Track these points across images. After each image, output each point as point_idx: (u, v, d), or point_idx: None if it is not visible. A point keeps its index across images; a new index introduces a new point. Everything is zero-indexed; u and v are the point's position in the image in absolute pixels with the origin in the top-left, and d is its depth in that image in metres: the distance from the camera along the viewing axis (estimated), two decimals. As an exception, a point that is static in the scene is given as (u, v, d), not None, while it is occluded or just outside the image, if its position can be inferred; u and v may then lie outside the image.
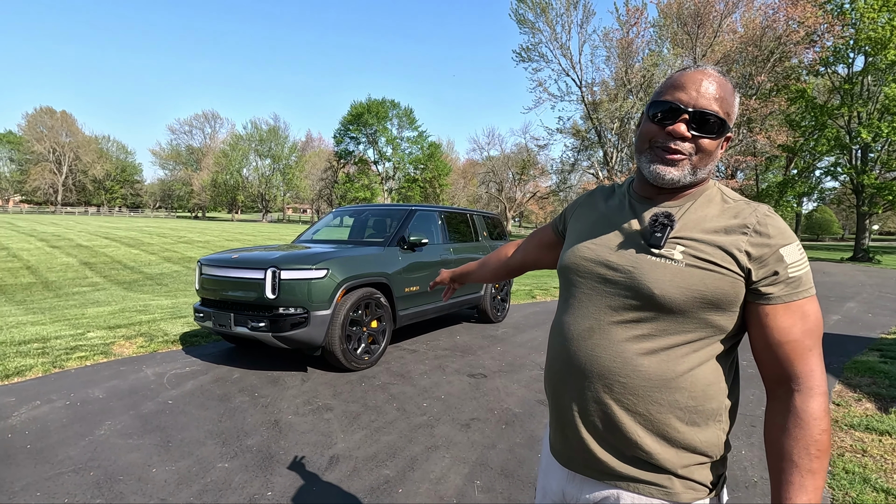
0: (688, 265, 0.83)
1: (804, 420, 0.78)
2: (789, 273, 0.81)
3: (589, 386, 0.89)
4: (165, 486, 2.35)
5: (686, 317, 0.83)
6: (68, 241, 18.06)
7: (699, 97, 0.85)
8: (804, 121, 24.81)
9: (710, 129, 0.86)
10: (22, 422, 3.04)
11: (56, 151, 68.26)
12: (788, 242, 0.82)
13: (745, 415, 3.44)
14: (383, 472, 2.55)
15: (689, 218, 0.88)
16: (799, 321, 0.81)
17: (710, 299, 0.82)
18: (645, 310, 0.85)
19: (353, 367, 4.16)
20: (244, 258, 4.20)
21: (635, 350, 0.85)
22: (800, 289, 0.82)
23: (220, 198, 69.98)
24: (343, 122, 56.59)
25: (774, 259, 0.81)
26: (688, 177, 0.88)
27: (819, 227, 62.91)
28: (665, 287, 0.82)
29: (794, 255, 0.81)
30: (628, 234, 0.92)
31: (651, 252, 0.86)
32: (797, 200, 32.28)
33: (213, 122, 78.65)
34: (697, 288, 0.82)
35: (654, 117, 0.88)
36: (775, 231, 0.82)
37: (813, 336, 0.82)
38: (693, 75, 0.87)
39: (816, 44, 21.60)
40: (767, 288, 0.81)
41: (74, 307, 7.77)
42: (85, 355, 4.40)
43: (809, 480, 0.77)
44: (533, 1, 26.65)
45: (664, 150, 0.88)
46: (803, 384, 0.80)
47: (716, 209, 0.88)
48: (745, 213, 0.85)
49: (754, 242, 0.82)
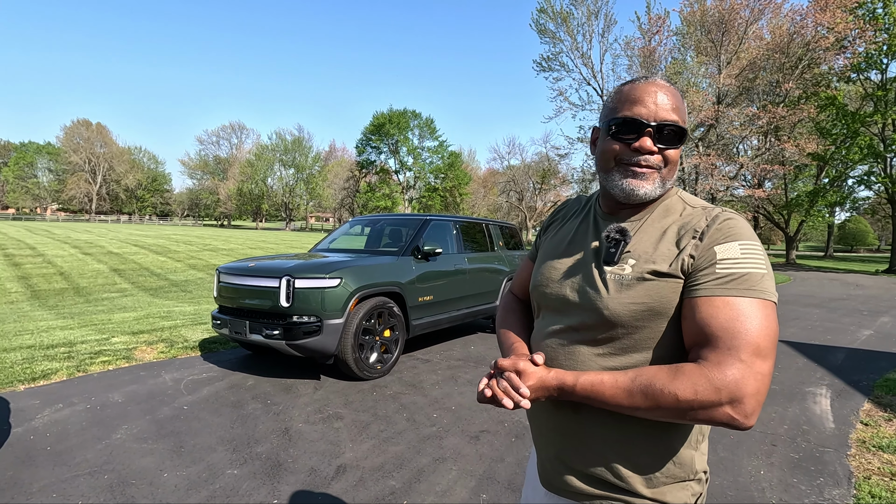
0: (635, 278, 0.82)
1: (678, 371, 0.73)
2: (717, 268, 0.77)
3: (561, 406, 0.89)
4: (175, 492, 2.39)
5: (642, 332, 0.82)
6: (100, 249, 18.71)
7: (658, 110, 0.84)
8: (835, 128, 24.06)
9: (674, 140, 0.86)
10: (44, 424, 3.14)
11: (91, 162, 71.03)
12: (728, 240, 0.78)
13: (766, 433, 3.32)
14: (389, 482, 2.54)
15: (645, 231, 0.87)
16: (722, 314, 0.73)
17: (656, 309, 0.80)
18: (601, 328, 0.84)
19: (366, 376, 4.18)
20: (260, 266, 4.28)
21: (599, 368, 0.84)
22: (730, 285, 0.75)
23: (245, 206, 71.56)
24: (365, 132, 57.39)
25: (707, 254, 0.78)
26: (658, 190, 0.88)
27: (853, 238, 60.69)
28: (613, 305, 0.82)
29: (730, 252, 0.77)
30: (588, 253, 0.92)
31: (605, 269, 0.86)
32: (829, 210, 31.27)
33: (239, 132, 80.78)
34: (643, 301, 0.80)
35: (616, 134, 0.87)
36: (718, 229, 0.80)
37: (738, 338, 0.72)
38: (646, 87, 0.86)
39: (847, 50, 20.97)
40: (693, 280, 0.78)
41: (102, 312, 8.02)
42: (108, 360, 4.53)
43: (621, 382, 0.76)
44: (554, 11, 26.67)
45: (634, 166, 0.86)
46: (705, 363, 0.73)
47: (672, 219, 0.87)
48: (696, 219, 0.84)
49: (697, 245, 0.80)
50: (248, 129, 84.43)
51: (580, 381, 0.79)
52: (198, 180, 79.62)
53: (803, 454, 3.02)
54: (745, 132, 22.28)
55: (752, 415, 0.70)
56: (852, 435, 3.34)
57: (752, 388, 0.70)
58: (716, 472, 2.74)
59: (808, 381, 4.63)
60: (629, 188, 0.87)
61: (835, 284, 16.06)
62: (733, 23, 20.89)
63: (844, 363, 5.36)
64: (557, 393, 0.82)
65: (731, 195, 24.49)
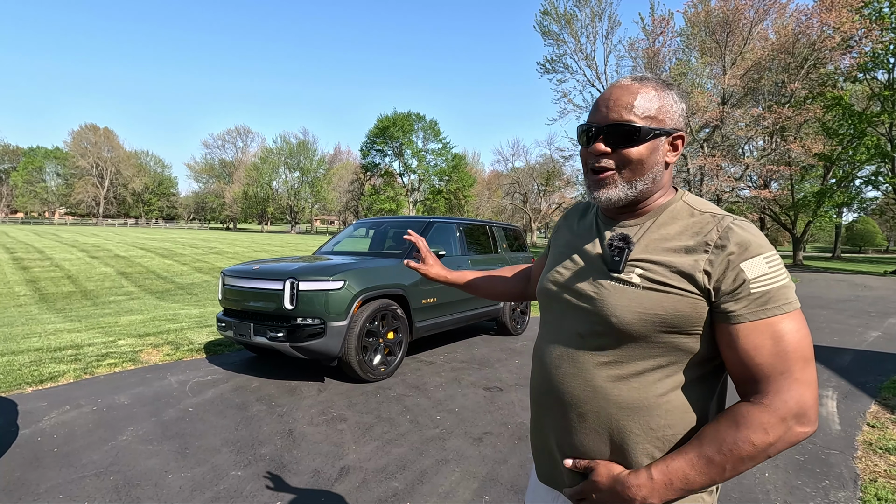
0: (645, 288, 0.80)
1: (739, 418, 0.73)
2: (751, 288, 0.75)
3: (565, 414, 0.88)
4: (180, 493, 2.41)
5: (648, 342, 0.80)
6: (107, 252, 18.86)
7: (609, 112, 0.84)
8: (842, 129, 23.89)
9: (626, 139, 0.83)
10: (51, 426, 3.17)
11: (99, 166, 71.66)
12: (752, 255, 0.76)
13: (771, 435, 3.30)
14: (392, 484, 2.55)
15: (649, 238, 0.85)
16: (768, 341, 0.74)
17: (669, 322, 0.79)
18: (608, 336, 0.83)
19: (369, 378, 4.19)
20: (264, 269, 4.30)
21: (605, 377, 0.84)
22: (768, 305, 0.75)
23: (250, 210, 71.90)
24: (369, 136, 57.56)
25: (733, 274, 0.76)
26: (626, 192, 0.86)
27: (861, 239, 60.15)
28: (621, 313, 0.80)
29: (758, 269, 0.75)
30: (592, 258, 0.90)
31: (611, 277, 0.84)
32: (836, 211, 31.02)
33: (244, 136, 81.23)
34: (655, 311, 0.79)
35: (581, 144, 0.90)
36: (737, 244, 0.77)
37: (788, 359, 0.74)
38: (605, 93, 0.87)
39: (853, 49, 20.86)
40: (728, 305, 0.76)
41: (109, 315, 8.08)
42: (114, 362, 4.57)
43: (697, 462, 0.73)
44: (557, 13, 26.70)
45: (593, 172, 0.87)
46: (762, 399, 0.74)
47: (679, 226, 0.84)
48: (707, 228, 0.81)
49: (713, 260, 0.77)
50: (253, 132, 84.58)
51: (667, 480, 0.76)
52: (203, 184, 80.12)
53: (809, 456, 3.00)
54: (751, 133, 22.17)
55: (816, 419, 0.74)
56: (859, 437, 3.31)
57: (811, 398, 0.73)
58: (720, 475, 2.72)
59: (815, 382, 4.59)
60: (595, 197, 0.88)
61: (842, 286, 15.94)
62: (738, 23, 20.82)
63: (851, 365, 5.32)
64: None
65: (736, 196, 24.35)
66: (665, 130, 0.84)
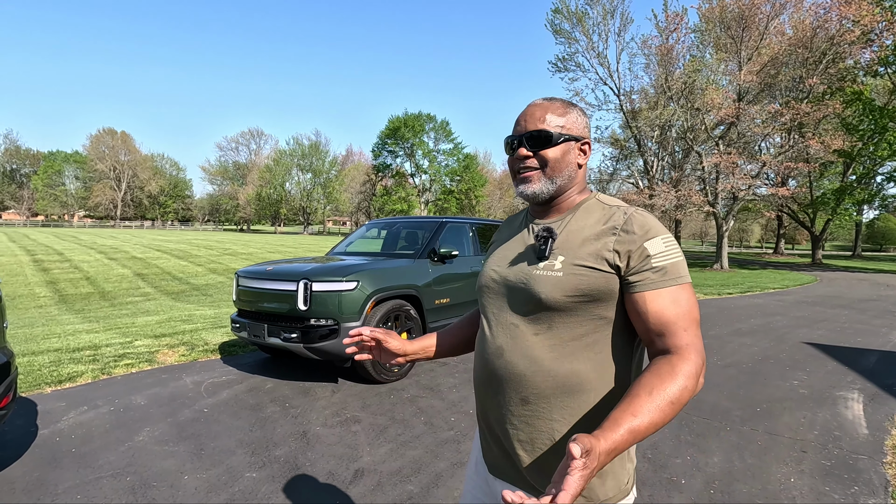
0: (566, 273, 0.94)
1: (674, 369, 0.83)
2: (653, 263, 0.91)
3: (509, 398, 0.99)
4: (195, 494, 2.41)
5: (573, 313, 0.94)
6: (124, 254, 19.16)
7: (527, 124, 1.03)
8: (862, 124, 23.33)
9: (542, 143, 1.01)
10: (69, 426, 3.20)
11: (116, 169, 72.97)
12: (652, 237, 0.92)
13: (795, 439, 3.21)
14: (407, 487, 2.52)
15: (569, 230, 1.01)
16: (670, 305, 0.89)
17: (589, 294, 0.93)
18: (541, 312, 0.97)
19: (383, 379, 4.17)
20: (278, 270, 4.31)
21: (542, 347, 0.96)
22: (667, 277, 0.90)
23: (263, 211, 72.60)
24: (381, 137, 57.76)
25: (638, 252, 0.91)
26: (548, 187, 1.03)
27: (882, 237, 58.76)
28: (549, 292, 0.94)
29: (657, 247, 0.91)
30: (523, 251, 1.05)
31: (538, 264, 0.99)
32: (856, 208, 30.32)
33: (258, 138, 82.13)
34: (577, 287, 0.93)
35: (508, 154, 1.07)
36: (639, 227, 0.93)
37: (687, 318, 0.89)
38: (523, 112, 1.06)
39: (874, 43, 20.36)
40: (634, 277, 0.91)
41: (126, 316, 8.20)
42: (131, 363, 4.61)
43: (647, 410, 0.79)
44: (569, 11, 26.49)
45: (519, 172, 1.04)
46: (681, 352, 0.86)
47: (593, 218, 1.00)
48: (615, 216, 0.97)
49: (620, 240, 0.93)
50: (266, 134, 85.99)
51: (620, 437, 0.77)
52: (218, 186, 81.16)
53: (836, 461, 2.90)
54: (768, 130, 21.75)
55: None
56: (888, 441, 3.21)
57: (703, 354, 0.89)
58: (743, 480, 2.65)
59: (839, 384, 4.47)
60: (522, 192, 1.04)
61: (864, 285, 15.57)
62: (754, 18, 20.46)
63: (877, 366, 5.18)
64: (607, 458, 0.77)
65: (753, 194, 23.92)
66: (573, 136, 1.03)
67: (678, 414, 0.86)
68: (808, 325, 7.69)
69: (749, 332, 6.89)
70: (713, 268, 22.78)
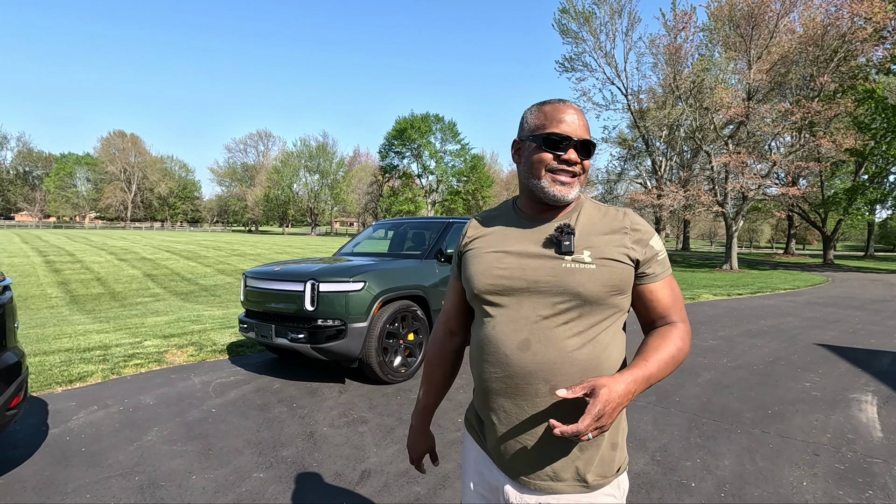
0: (598, 266, 1.00)
1: (677, 333, 1.04)
2: (658, 257, 1.06)
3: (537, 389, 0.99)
4: (203, 494, 2.42)
5: (601, 303, 1.01)
6: (134, 255, 19.35)
7: (578, 128, 1.04)
8: (874, 123, 23.04)
9: (589, 153, 1.07)
10: (79, 426, 3.22)
11: (126, 171, 73.81)
12: (653, 235, 1.07)
13: (808, 442, 3.16)
14: (414, 488, 2.51)
15: (582, 226, 1.06)
16: (669, 290, 1.08)
17: (618, 286, 1.02)
18: (574, 308, 1.00)
19: (390, 379, 4.16)
20: (285, 271, 4.32)
21: (572, 346, 0.99)
22: (665, 269, 1.08)
23: (271, 212, 73.07)
24: (388, 138, 57.92)
25: (649, 248, 1.05)
26: (577, 193, 1.08)
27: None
28: (587, 285, 0.99)
29: (658, 244, 1.07)
30: (536, 248, 1.05)
31: (565, 258, 1.02)
32: (869, 208, 29.89)
33: (266, 140, 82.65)
34: (611, 281, 1.01)
35: (548, 148, 1.04)
36: (642, 226, 1.06)
37: (679, 301, 1.09)
38: (566, 109, 1.05)
39: (887, 40, 20.12)
40: (648, 269, 1.05)
41: (136, 316, 8.27)
42: (140, 363, 4.64)
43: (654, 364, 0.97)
44: (576, 11, 26.42)
45: (556, 174, 1.04)
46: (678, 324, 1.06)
47: (595, 216, 1.08)
48: (618, 217, 1.08)
49: (634, 238, 1.04)
50: (274, 136, 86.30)
51: (646, 376, 0.96)
52: (226, 187, 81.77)
53: (849, 465, 2.85)
54: (778, 129, 21.52)
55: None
56: (903, 445, 3.15)
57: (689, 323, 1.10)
58: (755, 483, 2.61)
59: (852, 387, 4.40)
60: (559, 195, 1.04)
61: (876, 286, 15.36)
62: (763, 16, 20.26)
63: (891, 368, 5.09)
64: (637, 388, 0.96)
65: (762, 194, 23.69)
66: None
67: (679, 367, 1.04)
68: (820, 326, 7.59)
69: (760, 333, 6.81)
70: (723, 268, 22.58)
